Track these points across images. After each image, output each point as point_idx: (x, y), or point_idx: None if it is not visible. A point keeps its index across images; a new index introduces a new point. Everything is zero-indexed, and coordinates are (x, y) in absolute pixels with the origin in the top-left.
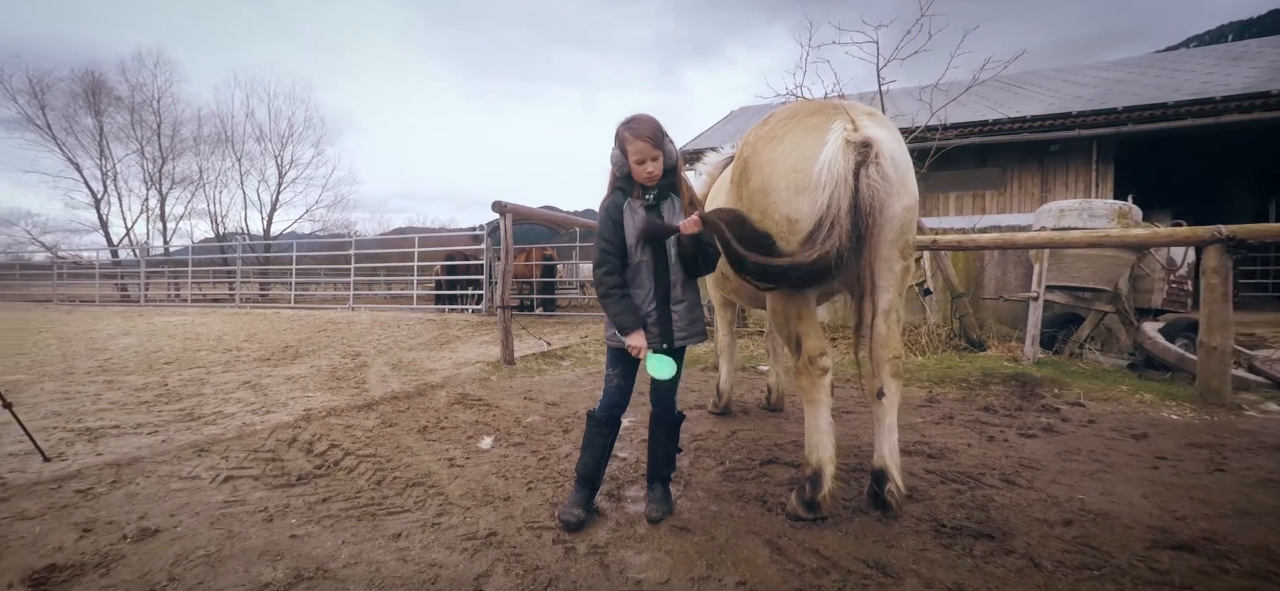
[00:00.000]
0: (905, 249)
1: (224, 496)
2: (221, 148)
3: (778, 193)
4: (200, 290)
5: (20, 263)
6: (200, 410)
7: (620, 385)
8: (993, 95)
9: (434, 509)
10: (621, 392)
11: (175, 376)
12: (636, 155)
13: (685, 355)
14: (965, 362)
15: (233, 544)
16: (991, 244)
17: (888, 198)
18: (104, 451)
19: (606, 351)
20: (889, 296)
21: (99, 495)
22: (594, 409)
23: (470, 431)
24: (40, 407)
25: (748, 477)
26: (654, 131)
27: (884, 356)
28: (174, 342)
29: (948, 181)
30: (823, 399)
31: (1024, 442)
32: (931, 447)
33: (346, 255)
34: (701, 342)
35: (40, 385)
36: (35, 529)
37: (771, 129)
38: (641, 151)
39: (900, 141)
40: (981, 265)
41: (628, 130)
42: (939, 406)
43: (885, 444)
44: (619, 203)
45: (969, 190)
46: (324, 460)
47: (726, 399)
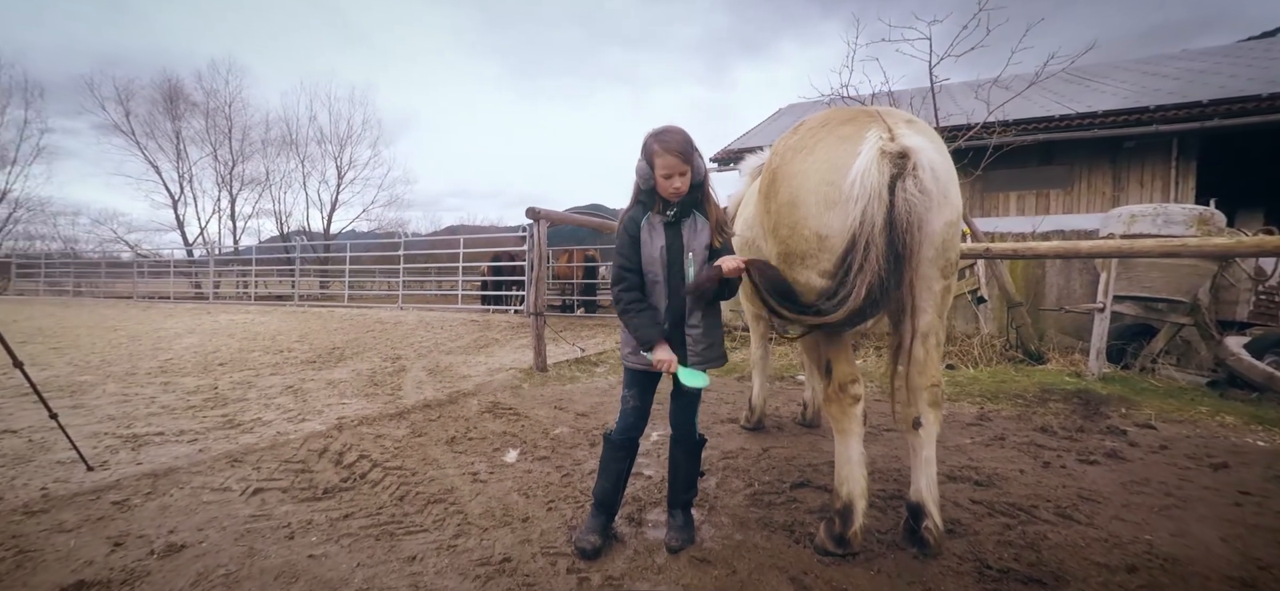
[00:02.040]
0: (946, 267)
1: (251, 510)
2: (287, 150)
3: (807, 207)
4: (265, 287)
5: (107, 260)
6: (241, 417)
7: (637, 406)
8: (1060, 89)
9: (452, 529)
10: (639, 414)
11: (226, 379)
12: (664, 169)
13: (698, 395)
14: (1022, 376)
15: (252, 563)
16: (1052, 253)
17: (927, 212)
18: (144, 460)
19: (623, 372)
20: (928, 318)
21: (134, 507)
22: (610, 431)
23: (497, 443)
24: (99, 410)
25: (777, 503)
26: (683, 145)
27: (922, 383)
28: (232, 342)
29: (1008, 180)
30: (854, 429)
31: (1084, 470)
32: (979, 473)
33: (396, 254)
34: (719, 367)
35: (103, 386)
36: (70, 542)
37: (801, 138)
38: (670, 166)
39: (942, 150)
40: (1042, 272)
41: (657, 142)
42: (990, 425)
43: (922, 477)
44: (638, 218)
45: (1032, 189)
46: (351, 472)
47: (759, 413)
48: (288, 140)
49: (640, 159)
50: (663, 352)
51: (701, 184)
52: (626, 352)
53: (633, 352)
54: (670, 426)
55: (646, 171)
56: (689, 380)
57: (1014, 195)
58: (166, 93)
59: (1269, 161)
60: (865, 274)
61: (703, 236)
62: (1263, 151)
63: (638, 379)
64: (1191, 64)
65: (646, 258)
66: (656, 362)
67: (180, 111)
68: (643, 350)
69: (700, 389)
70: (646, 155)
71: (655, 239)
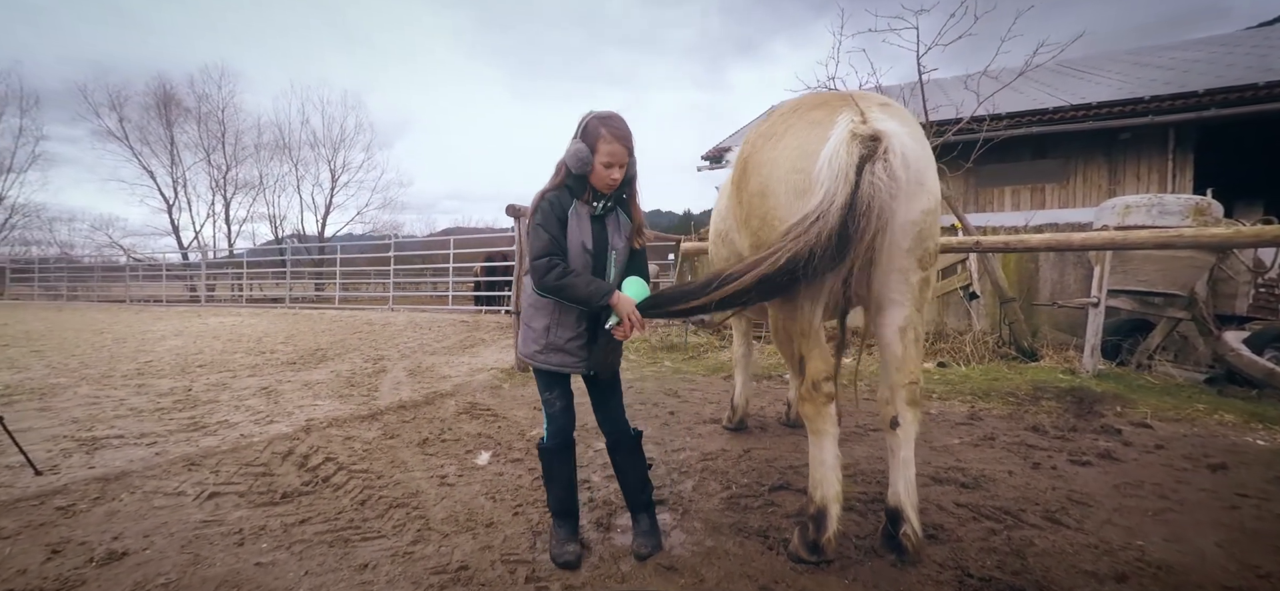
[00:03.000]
0: (924, 257)
1: (203, 515)
2: (280, 154)
3: (777, 197)
4: (260, 290)
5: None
6: (207, 419)
7: (563, 405)
8: (1053, 81)
9: (411, 534)
10: (566, 414)
11: (202, 381)
12: (607, 157)
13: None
14: (1014, 374)
15: (195, 571)
16: (1044, 245)
17: (893, 199)
18: (98, 464)
19: (536, 375)
20: (905, 312)
21: (79, 513)
22: (542, 440)
23: (471, 445)
24: (65, 413)
25: (753, 506)
26: (629, 136)
27: (899, 381)
28: (216, 345)
29: (1002, 174)
30: (828, 429)
31: (1076, 471)
32: (966, 474)
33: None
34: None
35: (76, 389)
36: (5, 550)
37: (772, 125)
38: (614, 155)
39: (918, 137)
40: (1036, 266)
41: (605, 127)
42: (980, 424)
43: (900, 480)
44: (566, 202)
45: (1026, 183)
46: (314, 476)
47: (741, 413)
48: (280, 144)
49: (578, 141)
50: (626, 303)
51: (631, 181)
52: (534, 352)
53: (543, 352)
54: (601, 431)
55: (586, 156)
56: (635, 291)
57: (1008, 190)
58: (160, 98)
59: (1267, 151)
60: (798, 243)
61: (625, 234)
62: (1261, 141)
63: (555, 379)
64: (1187, 54)
65: (571, 247)
66: (625, 316)
67: (174, 117)
68: (599, 310)
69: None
70: (589, 139)
71: (582, 229)
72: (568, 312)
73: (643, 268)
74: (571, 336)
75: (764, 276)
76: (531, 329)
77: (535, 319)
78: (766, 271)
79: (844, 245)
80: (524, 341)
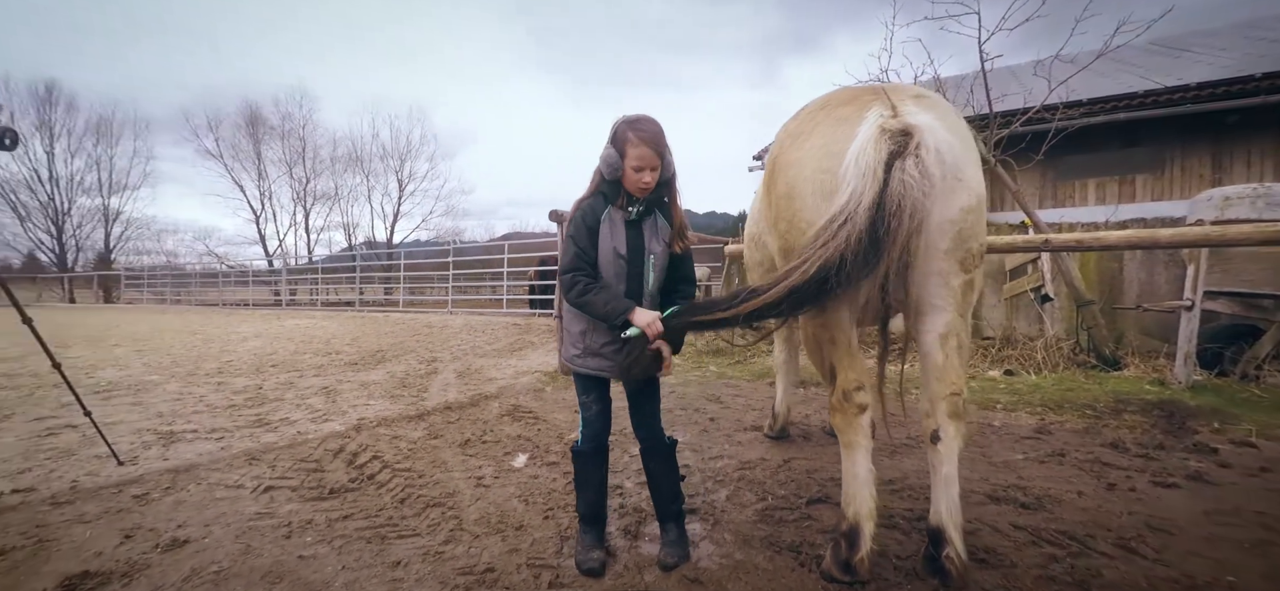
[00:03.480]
0: (967, 259)
1: (258, 507)
2: (353, 166)
3: (804, 198)
4: (336, 294)
5: (201, 271)
6: (270, 416)
7: (599, 410)
8: (1142, 61)
9: (444, 534)
10: (602, 418)
11: (272, 380)
12: (636, 161)
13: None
14: (1093, 384)
15: (245, 561)
16: (1125, 243)
17: (926, 197)
18: (171, 456)
19: (575, 379)
20: (947, 318)
21: (151, 501)
22: (577, 443)
23: (509, 447)
24: (153, 408)
25: (788, 520)
26: (658, 137)
27: (940, 392)
28: (289, 346)
29: (1084, 165)
30: (860, 442)
31: (1159, 494)
32: (1027, 494)
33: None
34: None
35: (165, 386)
36: (87, 533)
37: (799, 123)
38: (643, 158)
39: (957, 130)
40: (1119, 266)
41: (632, 130)
42: (1049, 439)
43: (943, 499)
44: (599, 209)
45: (1113, 175)
46: (361, 473)
47: (783, 421)
48: (354, 157)
49: (609, 147)
50: (642, 317)
51: (669, 182)
52: (573, 356)
53: (581, 355)
54: (636, 436)
55: (616, 161)
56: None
57: (1092, 182)
58: (249, 118)
59: None
60: (826, 250)
61: (663, 238)
62: None
63: (593, 383)
64: None
65: (604, 254)
66: (646, 328)
67: (261, 135)
68: (616, 328)
69: (658, 383)
70: (618, 143)
71: (615, 235)
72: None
73: (688, 271)
74: (607, 341)
75: (794, 288)
76: (570, 333)
77: (573, 324)
78: (796, 283)
79: (876, 248)
80: (565, 345)
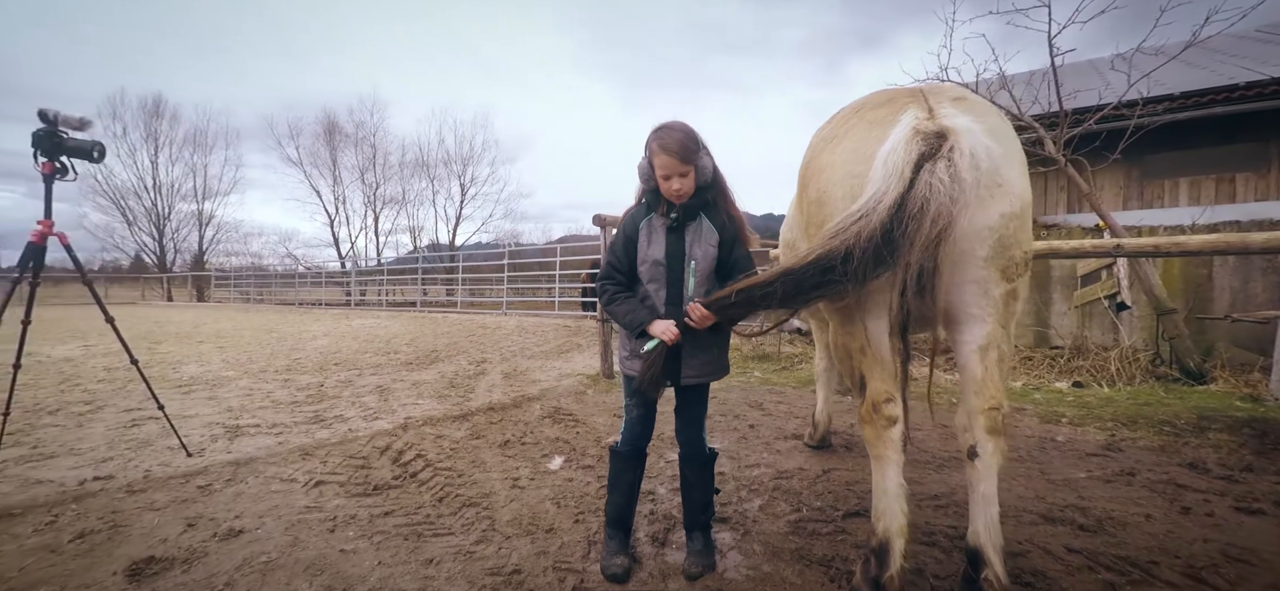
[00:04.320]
0: (1010, 267)
1: (308, 501)
2: (419, 171)
3: (834, 203)
4: (402, 294)
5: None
6: (326, 414)
7: (642, 414)
8: (1243, 50)
9: (477, 534)
10: (644, 422)
11: (333, 378)
12: (663, 170)
13: (707, 392)
14: (1173, 399)
15: (291, 553)
16: (1206, 247)
17: (956, 203)
18: (235, 450)
19: (623, 380)
20: (986, 329)
21: (214, 492)
22: (616, 443)
23: (547, 449)
24: (225, 402)
25: (822, 533)
26: (682, 145)
27: (978, 406)
28: (353, 345)
29: (1175, 164)
30: (890, 455)
31: (1241, 521)
32: (1088, 515)
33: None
34: (719, 378)
35: (238, 381)
36: (155, 520)
37: (834, 127)
38: (667, 166)
39: (998, 133)
40: (1208, 272)
41: (655, 140)
42: (1119, 456)
43: (981, 517)
44: (639, 218)
45: (1210, 173)
46: (405, 470)
47: (824, 430)
48: (420, 162)
49: (643, 157)
50: (660, 326)
51: (710, 185)
52: (625, 358)
53: (630, 357)
54: (677, 441)
55: (647, 171)
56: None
57: (1184, 182)
58: (326, 127)
59: None
60: (833, 241)
61: (709, 242)
62: None
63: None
64: None
65: (642, 260)
66: (663, 336)
67: (336, 142)
68: (636, 337)
69: (706, 388)
70: (648, 153)
71: (654, 242)
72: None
73: (746, 267)
74: None
75: (789, 270)
76: (622, 335)
77: None
78: (793, 266)
79: (889, 248)
80: (619, 347)
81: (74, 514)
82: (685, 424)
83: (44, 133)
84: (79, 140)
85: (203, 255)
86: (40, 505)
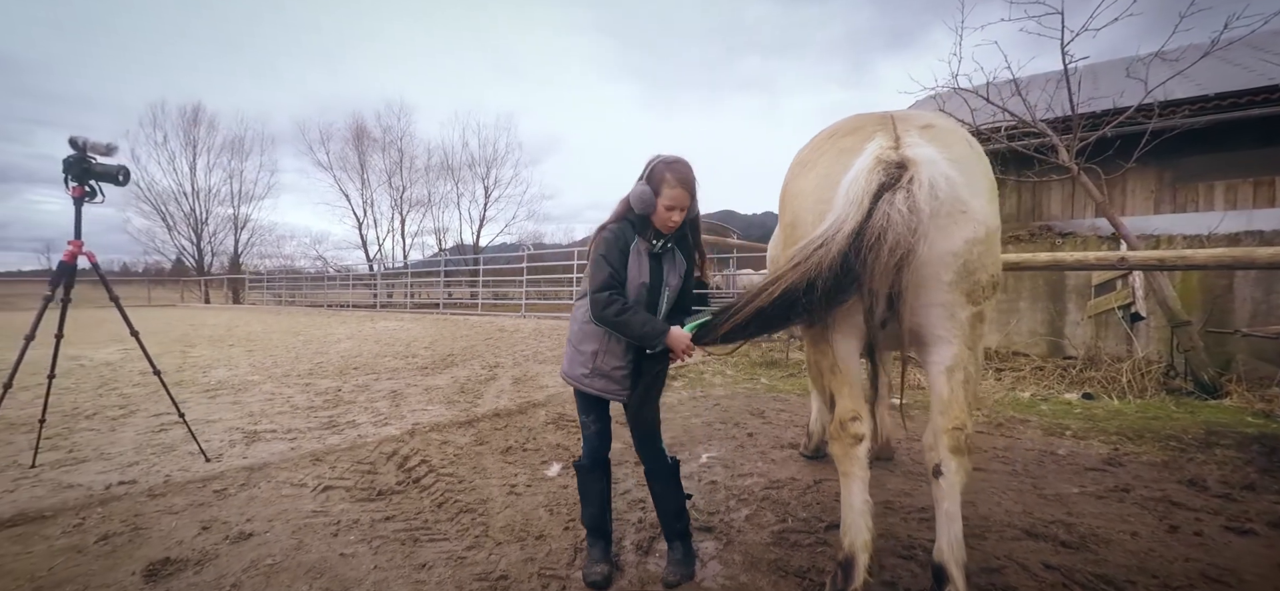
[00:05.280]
0: (975, 290)
1: (315, 505)
2: (444, 174)
3: (805, 229)
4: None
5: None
6: (340, 419)
7: (598, 428)
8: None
9: (470, 539)
10: (601, 437)
11: (351, 382)
12: (670, 201)
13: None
14: (1183, 413)
15: (295, 556)
16: (1211, 262)
17: (915, 232)
18: (250, 455)
19: (575, 396)
20: (953, 350)
21: (228, 496)
22: (579, 459)
23: (547, 455)
24: (248, 407)
25: (803, 544)
26: (692, 181)
27: (942, 425)
28: (375, 348)
29: (1210, 166)
30: (856, 472)
31: (1229, 541)
32: (1072, 531)
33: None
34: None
35: (262, 386)
36: (173, 523)
37: (807, 153)
38: (676, 199)
39: (963, 161)
40: (1229, 282)
41: (670, 171)
42: (1118, 471)
43: (944, 535)
44: (628, 236)
45: (1247, 177)
46: (408, 476)
47: (818, 440)
48: (445, 166)
49: (643, 183)
50: (679, 335)
51: (694, 221)
52: (581, 375)
53: (589, 375)
54: (639, 458)
55: (650, 198)
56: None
57: (1219, 186)
58: (355, 132)
59: None
60: (796, 272)
61: (681, 272)
62: None
63: (592, 403)
64: None
65: (631, 281)
66: (680, 353)
67: (365, 147)
68: (652, 350)
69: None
70: (654, 182)
71: (641, 267)
72: (617, 341)
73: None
74: (618, 365)
75: (760, 309)
76: (580, 352)
77: (584, 343)
78: (762, 304)
79: (849, 276)
80: (570, 363)
81: (99, 517)
82: (643, 437)
83: (74, 158)
84: (106, 164)
85: (238, 258)
86: (70, 508)
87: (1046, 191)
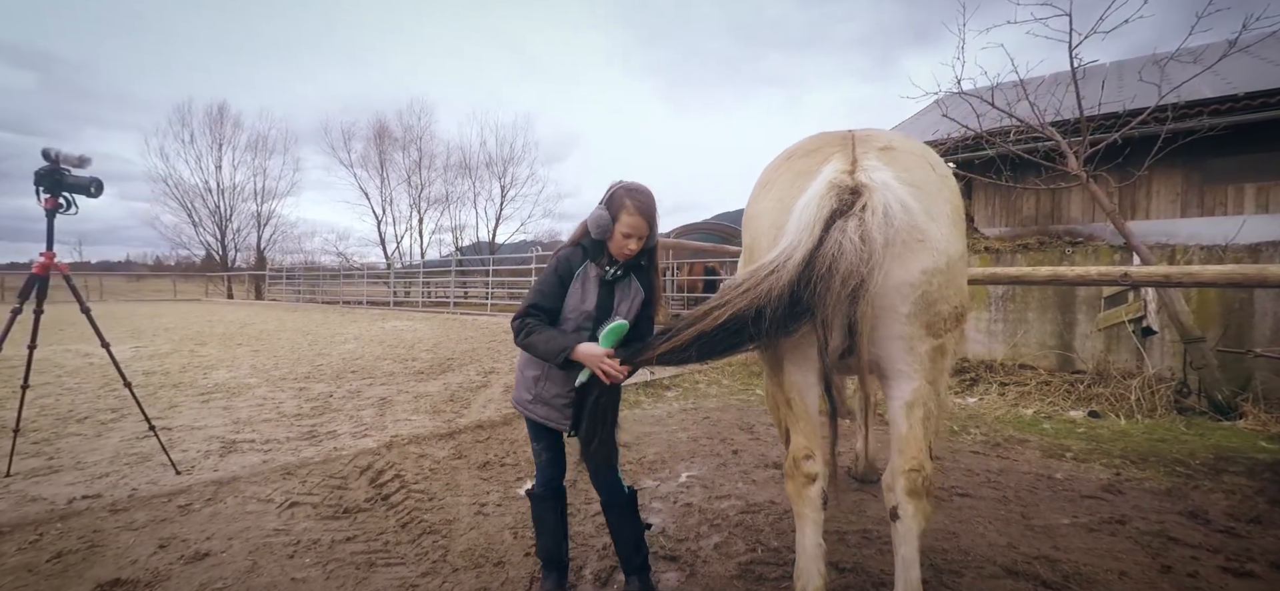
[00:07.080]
0: (935, 322)
1: (278, 524)
2: (462, 173)
3: (761, 253)
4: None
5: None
6: (320, 429)
7: (550, 457)
8: None
9: (427, 565)
10: (553, 465)
11: (345, 387)
12: (628, 228)
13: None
14: (1193, 435)
15: (248, 578)
16: (1219, 279)
17: (867, 262)
18: (222, 468)
19: (526, 424)
20: (913, 385)
21: (192, 512)
22: (532, 488)
23: (524, 471)
24: (236, 413)
25: (769, 577)
26: (653, 210)
27: (900, 465)
28: (377, 350)
29: (1241, 168)
30: (809, 514)
31: (1225, 583)
32: (1056, 569)
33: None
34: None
35: (257, 390)
36: (131, 540)
37: (769, 173)
38: (635, 227)
39: (922, 186)
40: (1249, 296)
41: (630, 198)
42: (1116, 500)
43: (901, 581)
44: (576, 264)
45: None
46: (379, 493)
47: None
48: (463, 165)
49: (602, 209)
50: (587, 348)
51: (651, 250)
52: (525, 400)
53: (532, 402)
54: (594, 489)
55: (607, 223)
56: (613, 337)
57: (1250, 188)
58: (377, 131)
59: None
60: (744, 299)
61: (636, 301)
62: None
63: (543, 432)
64: None
65: (572, 308)
66: (598, 369)
67: (385, 146)
68: (561, 366)
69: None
70: (613, 208)
71: (587, 293)
72: (557, 369)
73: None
74: (557, 393)
75: (703, 332)
76: (524, 377)
77: (528, 368)
78: (706, 327)
79: (798, 306)
80: (517, 388)
81: (57, 533)
82: (594, 471)
83: (46, 170)
84: (78, 176)
85: (262, 253)
86: (29, 523)
87: (1066, 194)
